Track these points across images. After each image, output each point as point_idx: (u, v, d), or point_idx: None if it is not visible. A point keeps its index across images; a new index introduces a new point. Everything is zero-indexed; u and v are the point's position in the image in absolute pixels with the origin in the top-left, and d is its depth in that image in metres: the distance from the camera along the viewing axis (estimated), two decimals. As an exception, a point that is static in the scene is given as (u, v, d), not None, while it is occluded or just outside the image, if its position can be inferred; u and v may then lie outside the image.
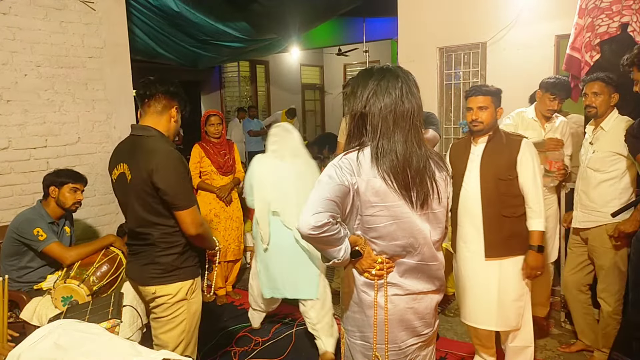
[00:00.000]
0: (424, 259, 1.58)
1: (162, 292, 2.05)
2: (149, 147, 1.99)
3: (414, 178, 1.50)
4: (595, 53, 2.92)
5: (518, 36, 3.82)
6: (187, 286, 2.08)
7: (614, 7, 2.82)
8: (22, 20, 3.56)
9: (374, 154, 1.48)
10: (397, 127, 1.50)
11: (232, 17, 5.34)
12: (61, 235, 2.96)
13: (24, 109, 3.60)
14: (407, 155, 1.49)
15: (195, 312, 2.13)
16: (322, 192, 1.47)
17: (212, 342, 3.24)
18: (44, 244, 2.74)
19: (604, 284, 2.73)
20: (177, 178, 1.95)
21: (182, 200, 1.96)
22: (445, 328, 3.37)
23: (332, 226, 1.46)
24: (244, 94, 10.19)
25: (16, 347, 1.31)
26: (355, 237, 1.56)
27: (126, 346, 1.34)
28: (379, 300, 1.58)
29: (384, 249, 1.55)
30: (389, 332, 1.58)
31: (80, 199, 2.96)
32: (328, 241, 1.48)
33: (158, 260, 2.04)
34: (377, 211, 1.50)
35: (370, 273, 1.57)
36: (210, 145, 3.88)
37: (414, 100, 1.52)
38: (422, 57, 4.28)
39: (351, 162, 1.49)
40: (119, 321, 2.11)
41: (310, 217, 1.43)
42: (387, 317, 1.57)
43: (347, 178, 1.48)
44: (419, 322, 1.62)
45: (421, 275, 1.60)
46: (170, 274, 2.05)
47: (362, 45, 8.60)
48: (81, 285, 2.56)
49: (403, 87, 1.52)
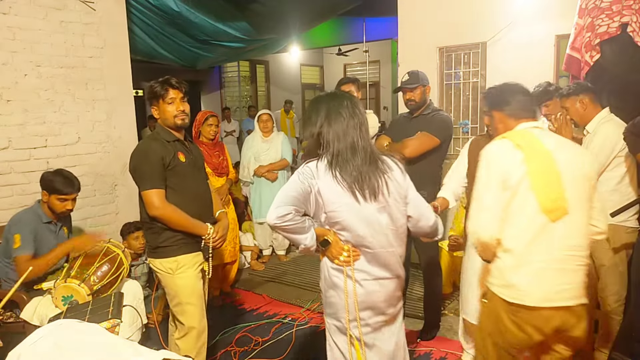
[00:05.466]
0: (382, 247, 1.86)
1: (153, 265, 2.49)
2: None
3: (364, 178, 1.82)
4: (595, 53, 2.92)
5: (518, 36, 3.82)
6: (169, 263, 2.41)
7: (614, 7, 2.82)
8: (22, 20, 3.57)
9: (329, 162, 1.82)
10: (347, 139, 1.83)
11: (232, 17, 5.34)
12: (59, 235, 2.96)
13: (24, 109, 3.60)
14: (356, 161, 1.82)
15: (184, 286, 2.43)
16: (286, 190, 1.84)
17: (212, 342, 3.24)
18: (15, 252, 2.71)
19: (604, 284, 2.73)
20: (138, 161, 2.38)
21: (140, 182, 2.37)
22: (445, 328, 3.37)
23: (295, 217, 1.79)
24: (244, 93, 10.20)
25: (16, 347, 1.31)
26: (325, 230, 1.87)
27: (126, 346, 1.34)
28: (349, 285, 1.86)
29: (348, 239, 1.85)
30: (359, 312, 1.86)
31: (69, 208, 2.90)
32: (293, 230, 1.81)
33: (147, 238, 2.51)
34: (337, 207, 1.82)
35: (339, 259, 1.86)
36: (204, 147, 3.82)
37: (357, 118, 1.85)
38: (422, 57, 4.27)
39: (311, 169, 1.84)
40: (119, 321, 2.11)
41: (274, 210, 1.79)
42: (356, 299, 1.85)
43: (308, 181, 1.82)
44: (384, 303, 1.91)
45: (382, 262, 1.88)
46: (154, 251, 2.45)
47: (362, 45, 8.61)
48: (82, 284, 2.56)
49: (348, 106, 1.86)
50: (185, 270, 2.44)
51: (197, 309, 2.48)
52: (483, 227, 1.77)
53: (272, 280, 4.48)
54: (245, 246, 4.85)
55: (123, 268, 2.77)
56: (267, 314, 3.74)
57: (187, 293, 2.44)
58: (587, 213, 1.78)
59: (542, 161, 1.73)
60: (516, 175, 1.72)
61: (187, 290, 2.44)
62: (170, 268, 2.42)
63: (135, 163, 2.40)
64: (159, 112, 2.46)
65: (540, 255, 1.71)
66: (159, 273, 2.47)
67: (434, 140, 3.04)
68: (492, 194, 1.76)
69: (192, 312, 2.46)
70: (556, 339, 1.78)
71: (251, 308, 3.88)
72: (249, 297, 4.10)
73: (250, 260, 4.87)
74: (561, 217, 1.69)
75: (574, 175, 1.74)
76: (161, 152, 2.37)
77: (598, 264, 2.74)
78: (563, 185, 1.71)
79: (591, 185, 1.79)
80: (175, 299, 2.47)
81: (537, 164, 1.72)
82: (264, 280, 4.50)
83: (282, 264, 4.96)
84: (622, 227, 2.65)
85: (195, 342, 2.48)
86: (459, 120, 4.32)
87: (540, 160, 1.73)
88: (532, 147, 1.76)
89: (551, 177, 1.71)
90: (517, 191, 1.72)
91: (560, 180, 1.71)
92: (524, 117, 1.89)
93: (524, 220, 1.72)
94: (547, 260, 1.71)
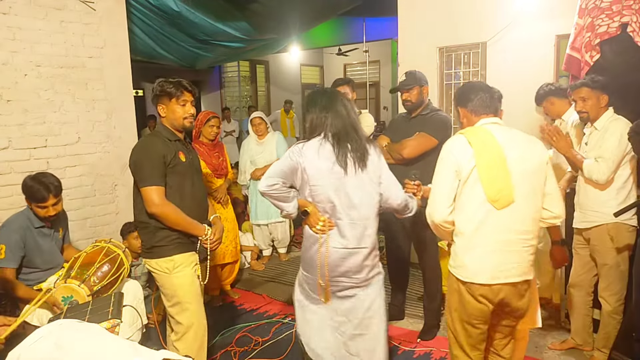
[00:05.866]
0: (353, 220, 2.18)
1: (149, 265, 2.48)
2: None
3: (349, 156, 2.15)
4: (595, 53, 2.92)
5: (518, 36, 3.82)
6: (165, 263, 2.41)
7: (614, 7, 2.82)
8: (22, 20, 3.56)
9: (324, 140, 2.17)
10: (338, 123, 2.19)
11: (232, 17, 5.34)
12: (54, 237, 2.95)
13: (24, 109, 3.60)
14: (347, 141, 2.16)
15: (181, 285, 2.43)
16: (278, 165, 2.24)
17: (212, 342, 3.24)
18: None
19: (606, 283, 2.74)
20: (139, 157, 2.37)
21: (140, 178, 2.35)
22: (445, 328, 3.36)
23: (282, 187, 2.19)
24: (244, 93, 10.20)
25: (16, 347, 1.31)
26: (307, 202, 2.21)
27: (126, 346, 1.34)
28: (322, 250, 2.20)
29: (326, 210, 2.18)
30: (329, 271, 2.20)
31: (51, 214, 2.77)
32: (278, 197, 2.21)
33: (142, 238, 2.50)
34: (318, 181, 2.16)
35: (316, 228, 2.20)
36: (204, 147, 3.82)
37: (345, 109, 2.22)
38: (422, 57, 4.27)
39: (299, 149, 2.19)
40: (119, 321, 2.12)
41: (265, 180, 2.20)
42: (327, 261, 2.20)
43: (296, 158, 2.17)
44: (351, 270, 2.21)
45: (354, 233, 2.17)
46: (149, 251, 2.45)
47: (362, 45, 8.61)
48: (82, 285, 2.55)
49: (339, 100, 2.24)
50: (182, 269, 2.44)
51: (196, 307, 2.48)
52: (436, 211, 2.02)
53: (272, 280, 4.48)
54: (245, 246, 4.85)
55: (123, 268, 2.77)
56: (267, 314, 3.74)
57: (185, 291, 2.44)
58: (536, 201, 1.99)
59: (491, 156, 1.94)
60: (466, 168, 1.95)
61: (185, 289, 2.44)
62: (167, 267, 2.42)
63: (136, 159, 2.38)
64: (166, 110, 2.44)
65: (487, 238, 1.95)
66: (156, 273, 2.46)
67: (432, 140, 3.03)
68: (446, 183, 2.00)
69: (191, 310, 2.46)
70: (503, 311, 2.04)
71: (251, 308, 3.88)
72: (249, 297, 4.10)
73: (250, 260, 4.87)
74: (507, 205, 1.91)
75: (523, 168, 1.94)
76: (163, 150, 2.37)
77: (601, 263, 2.74)
78: (510, 177, 1.92)
79: (543, 176, 2.00)
80: (173, 299, 2.46)
81: (485, 158, 1.93)
82: (264, 280, 4.50)
83: (282, 264, 4.96)
84: (624, 226, 2.67)
85: (194, 341, 2.47)
86: (459, 120, 4.31)
87: (489, 155, 1.94)
88: (483, 143, 1.97)
89: (498, 170, 1.92)
90: (467, 182, 1.95)
91: (508, 172, 1.92)
92: (483, 113, 2.10)
93: (473, 208, 1.96)
94: (494, 243, 1.94)
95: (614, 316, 2.72)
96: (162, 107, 2.46)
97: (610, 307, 2.71)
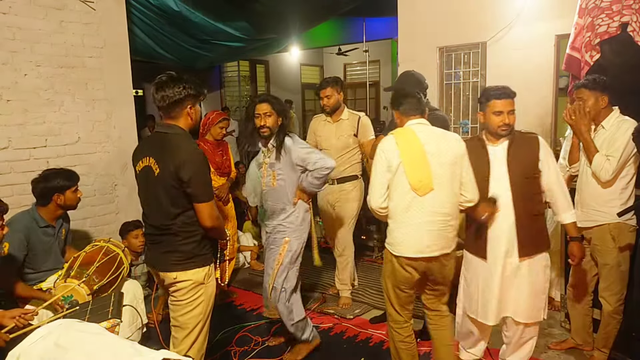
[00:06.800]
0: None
1: (183, 278, 2.21)
2: (176, 144, 2.17)
3: None
4: (595, 53, 2.92)
5: (518, 36, 3.82)
6: (204, 272, 2.26)
7: (614, 6, 2.82)
8: (22, 20, 3.56)
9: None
10: None
11: (232, 17, 5.34)
12: (57, 237, 2.95)
13: (24, 108, 3.60)
14: None
15: (211, 295, 2.32)
16: None
17: (212, 342, 3.23)
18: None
19: (606, 283, 2.73)
20: (200, 173, 2.15)
21: (202, 194, 2.16)
22: (445, 328, 3.36)
23: None
24: (244, 93, 10.19)
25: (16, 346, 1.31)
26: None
27: (126, 346, 1.34)
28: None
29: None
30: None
31: (81, 195, 3.03)
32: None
33: (179, 249, 2.21)
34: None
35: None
36: (209, 145, 3.83)
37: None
38: (422, 57, 4.27)
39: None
40: (119, 321, 2.12)
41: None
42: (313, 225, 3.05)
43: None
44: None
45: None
46: (189, 260, 2.22)
47: (362, 45, 8.60)
48: (81, 284, 2.56)
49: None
50: (213, 277, 2.35)
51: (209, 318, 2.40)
52: (372, 199, 2.43)
53: (272, 280, 4.47)
54: (244, 246, 4.85)
55: (123, 267, 2.78)
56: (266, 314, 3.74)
57: (212, 302, 2.34)
58: (454, 188, 2.36)
59: (414, 152, 2.33)
60: (394, 163, 2.35)
61: (212, 298, 2.33)
62: (204, 277, 2.26)
63: (196, 171, 2.13)
64: (194, 112, 2.26)
65: (412, 220, 2.34)
66: (187, 287, 2.22)
67: None
68: (379, 177, 2.40)
69: (209, 322, 2.37)
70: (428, 279, 2.48)
71: (251, 308, 3.88)
72: (248, 297, 4.10)
73: (250, 260, 4.87)
74: (427, 192, 2.30)
75: (439, 160, 2.32)
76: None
77: (601, 263, 2.74)
78: (430, 169, 2.31)
79: (459, 166, 2.37)
80: (202, 313, 2.28)
81: (409, 155, 2.33)
82: (264, 280, 4.49)
83: (282, 263, 4.95)
84: (626, 226, 2.67)
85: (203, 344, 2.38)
86: (459, 120, 4.32)
87: (412, 152, 2.34)
88: (407, 141, 2.37)
89: (419, 164, 2.32)
90: (396, 175, 2.35)
91: (427, 165, 2.31)
92: (412, 114, 2.45)
93: (401, 195, 2.35)
94: (418, 223, 2.34)
95: (615, 316, 2.72)
96: (192, 109, 2.25)
97: (611, 307, 2.71)
